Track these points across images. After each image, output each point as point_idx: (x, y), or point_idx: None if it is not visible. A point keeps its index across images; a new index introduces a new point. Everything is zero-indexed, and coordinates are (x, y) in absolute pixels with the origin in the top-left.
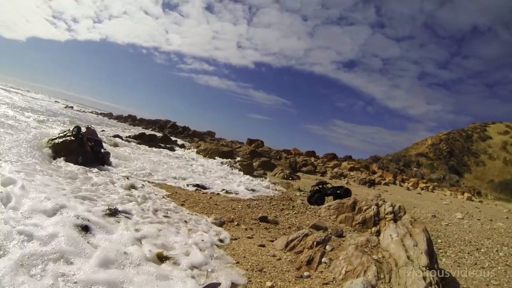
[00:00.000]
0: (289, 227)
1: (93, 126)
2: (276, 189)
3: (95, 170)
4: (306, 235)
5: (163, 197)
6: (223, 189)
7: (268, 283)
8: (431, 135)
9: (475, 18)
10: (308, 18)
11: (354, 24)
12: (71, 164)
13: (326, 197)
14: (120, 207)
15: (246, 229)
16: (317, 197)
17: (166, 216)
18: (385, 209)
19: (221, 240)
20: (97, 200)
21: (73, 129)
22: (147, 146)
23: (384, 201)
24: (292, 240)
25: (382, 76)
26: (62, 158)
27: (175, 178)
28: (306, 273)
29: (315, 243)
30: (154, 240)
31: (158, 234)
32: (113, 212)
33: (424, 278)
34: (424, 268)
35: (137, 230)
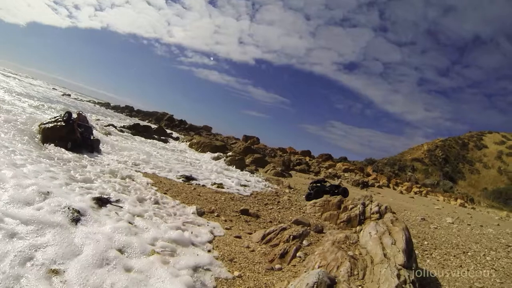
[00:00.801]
0: (270, 221)
1: (84, 112)
2: (266, 185)
3: (84, 156)
4: (284, 229)
5: (148, 184)
6: (212, 182)
7: (236, 273)
8: (427, 141)
9: (479, 28)
10: (311, 17)
11: (357, 26)
12: (61, 149)
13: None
14: (106, 195)
15: (225, 220)
16: (315, 192)
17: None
18: (371, 209)
19: None
20: (83, 187)
21: (64, 114)
22: (140, 137)
23: (371, 201)
24: (269, 233)
25: (382, 80)
26: (51, 143)
27: (163, 168)
28: (277, 266)
29: (291, 237)
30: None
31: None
32: (102, 201)
33: (398, 276)
34: (400, 266)
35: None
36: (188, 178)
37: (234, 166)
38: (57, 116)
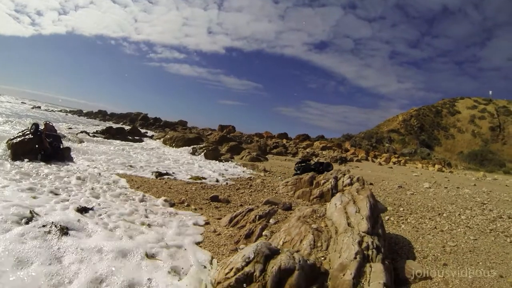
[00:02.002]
0: (241, 205)
1: (51, 122)
2: (241, 171)
3: (54, 165)
4: (251, 210)
5: (120, 184)
6: (185, 175)
7: None
8: (402, 112)
9: None
10: (280, 0)
11: (326, 5)
12: (31, 162)
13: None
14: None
15: (195, 209)
16: (302, 171)
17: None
18: (343, 182)
19: None
20: (57, 197)
21: (31, 126)
22: (114, 140)
23: (344, 174)
24: (236, 216)
25: (354, 56)
26: (21, 157)
27: (135, 167)
28: (242, 246)
29: (257, 217)
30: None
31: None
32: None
33: (360, 243)
34: (363, 234)
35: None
36: (161, 174)
37: (208, 157)
38: (25, 130)
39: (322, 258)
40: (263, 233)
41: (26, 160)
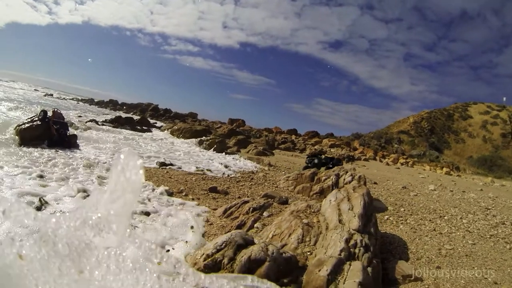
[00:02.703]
0: (239, 197)
1: (59, 109)
2: (245, 164)
3: (60, 152)
4: (246, 202)
5: None
6: (189, 166)
7: None
8: (413, 114)
9: (465, 3)
10: None
11: (343, 5)
12: (37, 149)
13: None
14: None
15: (193, 199)
16: (313, 164)
17: None
18: (344, 179)
19: None
20: (62, 183)
21: (39, 113)
22: (122, 129)
23: (346, 172)
24: (230, 207)
25: (368, 57)
26: (28, 143)
27: (140, 156)
28: None
29: (251, 209)
30: None
31: None
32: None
33: (347, 240)
34: (353, 231)
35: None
36: (164, 164)
37: (214, 149)
38: (33, 116)
39: (308, 253)
40: (255, 225)
41: (32, 146)
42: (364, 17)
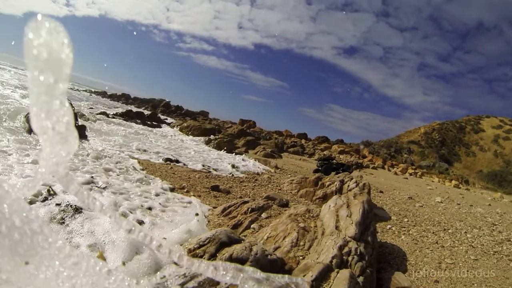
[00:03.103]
0: (241, 197)
1: (68, 99)
2: (252, 165)
3: None
4: (245, 202)
5: (133, 167)
6: (194, 163)
7: None
8: (425, 124)
9: (482, 14)
10: (313, 2)
11: (359, 11)
12: None
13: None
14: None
15: (194, 195)
16: (324, 168)
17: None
18: (348, 186)
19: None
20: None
21: None
22: (131, 123)
23: (350, 179)
24: (229, 206)
25: (382, 64)
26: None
27: (147, 151)
28: None
29: (249, 209)
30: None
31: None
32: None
33: (341, 247)
34: (349, 238)
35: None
36: (170, 160)
37: (221, 148)
38: None
39: (301, 258)
40: (252, 226)
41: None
42: (379, 24)
